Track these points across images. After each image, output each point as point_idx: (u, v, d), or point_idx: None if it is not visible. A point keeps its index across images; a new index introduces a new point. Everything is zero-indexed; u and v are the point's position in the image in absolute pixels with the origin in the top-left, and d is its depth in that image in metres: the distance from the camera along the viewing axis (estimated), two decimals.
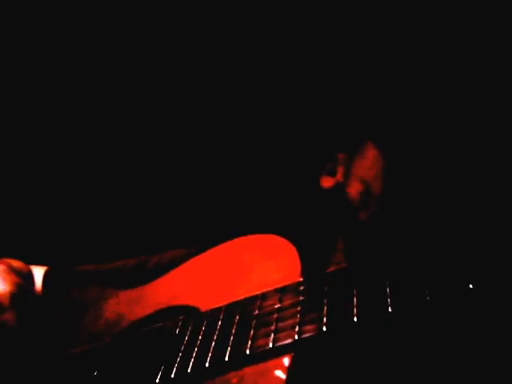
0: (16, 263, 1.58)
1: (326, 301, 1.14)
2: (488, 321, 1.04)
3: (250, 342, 1.16)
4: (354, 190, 1.38)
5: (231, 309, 1.26)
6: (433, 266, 1.08)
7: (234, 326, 1.22)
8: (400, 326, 1.07)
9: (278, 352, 1.12)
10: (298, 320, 1.14)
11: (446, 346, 1.09)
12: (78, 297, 1.62)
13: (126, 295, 1.53)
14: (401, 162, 1.35)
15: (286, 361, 1.11)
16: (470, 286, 1.01)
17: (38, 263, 1.70)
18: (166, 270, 1.51)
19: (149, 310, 1.44)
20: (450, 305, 1.02)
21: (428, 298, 1.03)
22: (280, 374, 1.10)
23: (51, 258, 1.74)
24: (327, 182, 1.48)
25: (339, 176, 1.45)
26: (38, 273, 1.69)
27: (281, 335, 1.14)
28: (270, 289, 1.25)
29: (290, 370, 1.09)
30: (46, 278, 1.70)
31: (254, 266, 1.34)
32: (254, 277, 1.32)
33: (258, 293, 1.25)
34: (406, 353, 1.12)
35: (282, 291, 1.23)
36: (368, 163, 1.39)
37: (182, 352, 1.25)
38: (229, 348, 1.18)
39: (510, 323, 1.02)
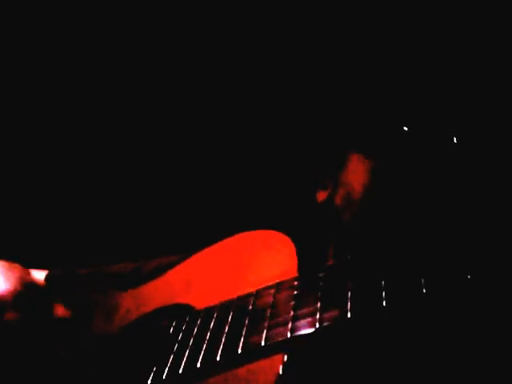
0: (14, 267, 1.56)
1: (319, 295, 1.10)
2: (487, 314, 0.98)
3: (242, 340, 1.12)
4: (339, 196, 1.38)
5: (225, 307, 1.23)
6: (429, 256, 1.03)
7: (227, 324, 1.18)
8: (395, 321, 1.02)
9: (272, 350, 1.08)
10: (291, 315, 1.10)
11: (444, 341, 1.04)
12: (79, 299, 1.60)
13: (125, 295, 1.51)
14: (388, 162, 1.32)
15: (280, 358, 1.07)
16: (469, 276, 0.95)
17: (38, 267, 1.68)
18: (164, 271, 1.49)
19: (146, 309, 1.42)
20: (447, 297, 0.97)
21: (424, 290, 0.98)
22: (274, 371, 1.06)
23: (51, 262, 1.72)
24: (321, 196, 1.47)
25: (329, 188, 1.45)
26: (38, 277, 1.67)
27: (274, 332, 1.10)
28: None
29: (283, 367, 1.05)
30: (48, 281, 1.68)
31: (252, 262, 1.31)
32: (251, 274, 1.29)
33: (253, 290, 1.22)
34: (402, 348, 1.06)
35: (276, 287, 1.19)
36: (350, 168, 1.39)
37: (174, 352, 1.21)
38: (221, 347, 1.14)
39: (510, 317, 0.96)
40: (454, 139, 1.29)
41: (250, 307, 1.18)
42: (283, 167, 1.86)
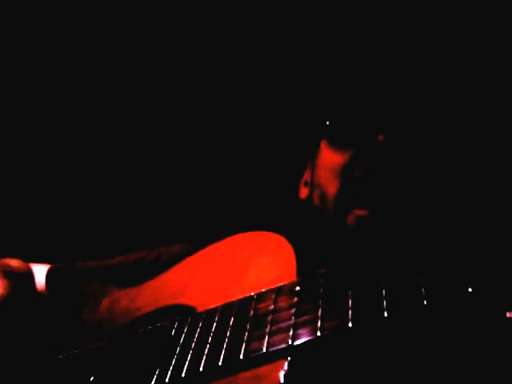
0: (14, 263, 1.57)
1: (320, 303, 1.10)
2: (488, 327, 0.99)
3: (244, 346, 1.13)
4: (316, 196, 1.40)
5: (226, 310, 1.23)
6: (430, 268, 1.03)
7: (229, 329, 1.19)
8: (396, 331, 1.02)
9: (273, 356, 1.09)
10: (292, 323, 1.10)
11: (444, 352, 1.05)
12: (80, 294, 1.61)
13: (125, 293, 1.52)
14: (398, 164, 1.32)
15: (281, 365, 1.07)
16: (470, 289, 0.96)
17: (40, 261, 1.69)
18: (165, 265, 1.50)
19: (147, 309, 1.42)
20: (448, 309, 0.97)
21: (425, 302, 0.98)
22: (275, 378, 1.07)
23: (53, 256, 1.72)
24: (303, 193, 1.48)
25: (309, 185, 1.46)
26: (40, 271, 1.68)
27: (275, 338, 1.10)
28: (265, 288, 1.22)
29: (284, 375, 1.06)
30: (49, 275, 1.69)
31: (251, 264, 1.31)
32: (250, 275, 1.29)
33: (253, 293, 1.22)
34: (401, 358, 1.07)
35: (277, 292, 1.19)
36: (321, 163, 1.39)
37: (176, 355, 1.22)
38: (223, 352, 1.15)
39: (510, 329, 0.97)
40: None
41: (252, 312, 1.18)
42: (282, 169, 1.86)
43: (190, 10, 1.99)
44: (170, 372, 1.20)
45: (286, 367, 1.06)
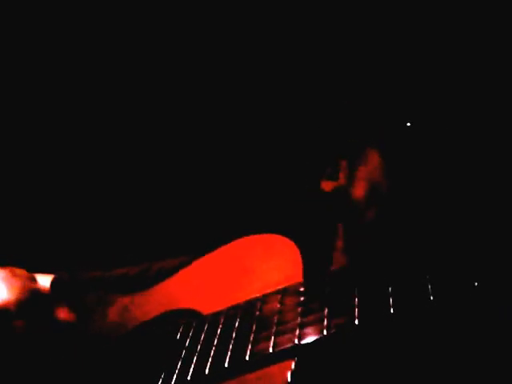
0: (19, 271, 1.57)
1: (326, 302, 1.10)
2: (493, 321, 0.99)
3: (250, 347, 1.13)
4: (360, 190, 1.39)
5: (232, 312, 1.24)
6: (436, 263, 1.04)
7: (235, 331, 1.19)
8: (403, 327, 1.02)
9: (279, 357, 1.09)
10: (298, 322, 1.11)
11: (450, 347, 1.05)
12: (84, 304, 1.61)
13: (129, 300, 1.52)
14: (403, 164, 1.33)
15: (288, 364, 1.07)
16: (475, 283, 0.96)
17: (43, 272, 1.69)
18: (170, 272, 1.50)
19: (151, 314, 1.42)
20: (454, 304, 0.97)
21: (431, 297, 0.98)
22: (282, 378, 1.06)
23: (56, 267, 1.72)
24: (328, 186, 1.47)
25: (342, 180, 1.45)
26: (44, 281, 1.68)
27: (281, 338, 1.10)
28: (271, 290, 1.22)
29: (291, 374, 1.05)
30: (54, 285, 1.69)
31: (256, 266, 1.31)
32: (255, 278, 1.29)
33: (258, 295, 1.23)
34: (409, 354, 1.07)
35: (282, 293, 1.20)
36: (372, 166, 1.39)
37: (182, 358, 1.22)
38: (228, 353, 1.15)
39: None
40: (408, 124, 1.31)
41: (257, 313, 1.19)
42: (287, 170, 1.87)
43: (190, 10, 2.01)
44: (175, 375, 1.20)
45: (293, 367, 1.06)
